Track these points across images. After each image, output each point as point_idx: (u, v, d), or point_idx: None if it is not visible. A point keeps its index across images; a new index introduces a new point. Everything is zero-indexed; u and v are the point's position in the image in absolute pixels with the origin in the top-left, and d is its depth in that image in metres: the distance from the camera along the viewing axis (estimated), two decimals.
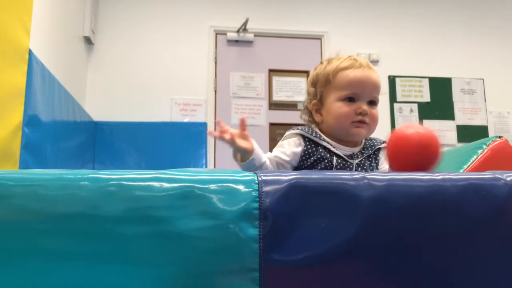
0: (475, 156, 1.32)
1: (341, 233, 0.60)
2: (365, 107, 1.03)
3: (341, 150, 1.04)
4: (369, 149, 1.06)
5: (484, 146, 1.33)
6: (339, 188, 0.63)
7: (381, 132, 3.95)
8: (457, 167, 1.33)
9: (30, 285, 0.58)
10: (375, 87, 1.06)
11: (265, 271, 0.59)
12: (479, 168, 1.29)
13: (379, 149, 1.08)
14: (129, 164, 3.71)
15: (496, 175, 0.69)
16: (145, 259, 0.58)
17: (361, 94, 1.04)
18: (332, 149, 1.03)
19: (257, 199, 0.60)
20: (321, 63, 1.12)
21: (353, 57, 1.08)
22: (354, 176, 0.65)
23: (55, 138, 2.67)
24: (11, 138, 1.97)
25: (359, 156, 1.05)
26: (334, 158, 1.02)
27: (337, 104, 1.03)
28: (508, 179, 0.68)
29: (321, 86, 1.06)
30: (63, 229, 0.59)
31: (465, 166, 1.31)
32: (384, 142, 1.05)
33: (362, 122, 1.03)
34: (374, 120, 1.05)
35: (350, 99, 1.04)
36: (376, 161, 1.07)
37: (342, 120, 1.02)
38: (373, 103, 1.06)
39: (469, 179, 0.68)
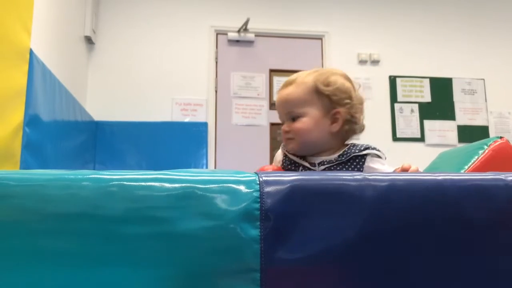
0: (476, 157, 1.31)
1: (342, 234, 0.60)
2: (284, 127, 1.13)
3: (308, 159, 1.10)
4: (344, 156, 1.06)
5: (485, 147, 1.33)
6: (340, 189, 0.63)
7: (382, 132, 3.97)
8: (458, 167, 1.33)
9: (31, 285, 0.58)
10: (286, 103, 1.13)
11: (266, 272, 0.58)
12: (480, 168, 1.29)
13: (361, 156, 1.06)
14: (130, 164, 3.71)
15: (498, 176, 0.69)
16: (146, 259, 0.58)
17: (281, 115, 1.15)
18: (296, 160, 1.12)
19: (259, 200, 0.60)
20: None
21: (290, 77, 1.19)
22: (356, 177, 0.65)
23: (56, 137, 2.67)
24: (12, 138, 1.97)
25: (326, 163, 1.07)
26: (300, 167, 1.11)
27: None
28: (509, 179, 0.68)
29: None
30: (64, 229, 0.59)
31: (466, 167, 1.30)
32: (367, 148, 1.06)
33: (288, 139, 1.12)
34: (297, 132, 1.10)
35: (282, 121, 1.15)
36: (358, 168, 1.05)
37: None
38: (295, 118, 1.11)
39: (471, 180, 0.68)
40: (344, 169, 1.06)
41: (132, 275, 0.58)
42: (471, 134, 4.09)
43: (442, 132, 4.17)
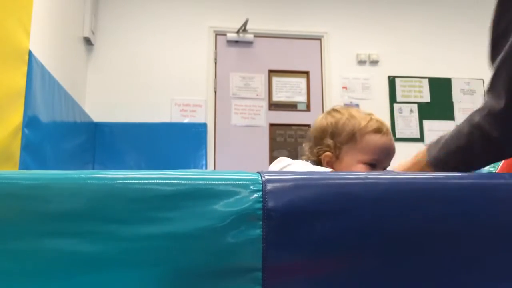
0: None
1: (344, 233, 0.60)
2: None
3: None
4: None
5: None
6: (342, 188, 0.63)
7: None
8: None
9: (31, 286, 0.57)
10: (393, 157, 1.07)
11: (268, 271, 0.58)
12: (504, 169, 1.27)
13: None
14: (129, 164, 3.71)
15: (499, 175, 0.69)
16: (148, 259, 0.58)
17: (382, 162, 1.04)
18: None
19: (261, 199, 0.60)
20: (338, 111, 1.09)
21: (376, 118, 1.07)
22: (358, 176, 0.65)
23: (55, 139, 2.67)
24: (11, 139, 1.97)
25: None
26: None
27: (359, 166, 1.02)
28: (509, 179, 0.68)
29: (343, 142, 1.04)
30: (65, 229, 0.58)
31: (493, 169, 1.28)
32: None
33: None
34: None
35: (371, 165, 1.03)
36: None
37: None
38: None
39: (472, 179, 0.68)
40: None
41: (134, 275, 0.58)
42: None
43: (441, 132, 4.17)
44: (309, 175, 0.64)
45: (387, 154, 1.05)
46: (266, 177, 0.62)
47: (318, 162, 1.06)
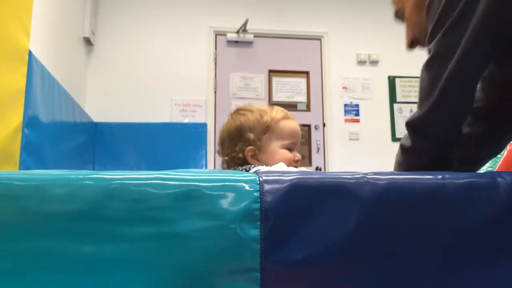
0: (497, 160, 1.31)
1: (342, 233, 0.60)
2: (299, 155, 1.15)
3: None
4: None
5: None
6: (340, 188, 0.63)
7: (381, 132, 3.95)
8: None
9: (30, 286, 0.57)
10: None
11: (266, 272, 0.59)
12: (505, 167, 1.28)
13: None
14: (129, 165, 3.71)
15: (496, 175, 0.69)
16: (146, 259, 0.58)
17: (297, 144, 1.17)
18: None
19: (259, 200, 0.60)
20: (245, 109, 1.20)
21: (278, 107, 1.20)
22: (355, 176, 0.65)
23: (55, 139, 2.67)
24: (11, 139, 1.97)
25: None
26: None
27: (281, 151, 1.13)
28: (508, 178, 0.68)
29: (261, 133, 1.14)
30: (65, 230, 0.59)
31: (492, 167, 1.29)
32: None
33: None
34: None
35: (289, 149, 1.14)
36: None
37: (287, 165, 1.11)
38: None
39: (469, 179, 0.68)
40: None
41: (133, 275, 0.58)
42: None
43: None
44: (306, 175, 0.64)
45: (298, 135, 1.17)
46: (264, 178, 0.62)
47: (243, 158, 1.14)
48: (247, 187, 0.61)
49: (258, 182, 0.61)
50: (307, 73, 4.31)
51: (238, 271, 0.59)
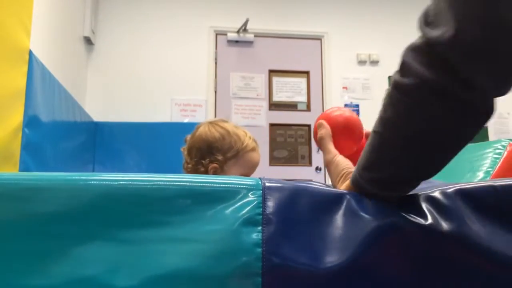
0: (497, 160, 1.30)
1: (344, 239, 0.60)
2: None
3: None
4: None
5: (501, 149, 1.31)
6: (341, 195, 0.63)
7: None
8: (476, 170, 1.30)
9: (30, 286, 0.57)
10: None
11: (267, 276, 0.58)
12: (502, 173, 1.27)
13: None
14: (129, 164, 3.71)
15: (488, 182, 0.68)
16: (147, 263, 0.58)
17: (251, 174, 1.26)
18: None
19: (261, 204, 0.60)
20: (221, 127, 1.29)
21: (250, 136, 1.29)
22: None
23: (55, 138, 2.67)
24: (11, 139, 1.97)
25: None
26: None
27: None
28: (497, 184, 0.67)
29: (229, 158, 1.24)
30: (67, 232, 0.58)
31: (490, 170, 1.28)
32: None
33: None
34: None
35: (245, 175, 1.21)
36: None
37: None
38: None
39: (458, 186, 0.67)
40: None
41: (135, 278, 0.58)
42: None
43: None
44: (309, 181, 0.64)
45: (256, 167, 1.28)
46: (267, 183, 0.62)
47: (204, 172, 1.25)
48: (249, 191, 0.61)
49: (261, 187, 0.61)
50: (307, 73, 4.31)
51: (239, 276, 0.59)
